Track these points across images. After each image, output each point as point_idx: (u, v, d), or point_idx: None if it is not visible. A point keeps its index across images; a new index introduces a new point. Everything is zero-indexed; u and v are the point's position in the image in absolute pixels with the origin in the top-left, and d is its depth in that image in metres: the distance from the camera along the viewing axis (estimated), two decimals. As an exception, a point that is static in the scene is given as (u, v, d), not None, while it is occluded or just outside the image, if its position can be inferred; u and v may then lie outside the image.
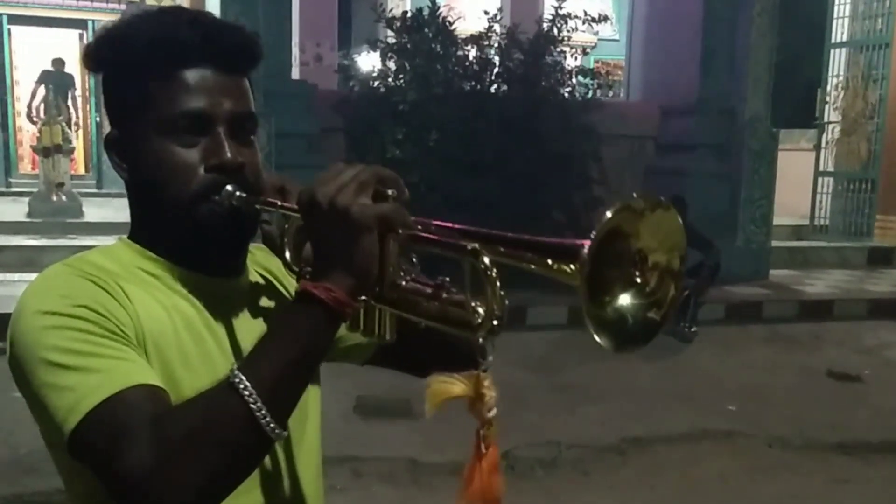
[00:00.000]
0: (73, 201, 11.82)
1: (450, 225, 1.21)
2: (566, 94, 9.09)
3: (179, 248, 1.33)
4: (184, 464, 1.07)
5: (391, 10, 9.79)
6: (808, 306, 9.12)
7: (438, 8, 8.82)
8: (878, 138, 12.06)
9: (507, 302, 1.12)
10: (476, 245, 1.12)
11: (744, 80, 9.85)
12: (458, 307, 1.18)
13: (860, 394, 6.69)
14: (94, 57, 1.34)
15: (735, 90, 9.89)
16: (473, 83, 8.83)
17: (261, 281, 1.46)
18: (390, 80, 8.69)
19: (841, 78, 12.60)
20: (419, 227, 1.21)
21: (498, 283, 1.11)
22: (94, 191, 16.45)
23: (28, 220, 11.28)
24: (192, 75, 1.27)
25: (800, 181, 12.41)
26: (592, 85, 9.48)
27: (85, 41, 17.36)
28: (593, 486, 4.87)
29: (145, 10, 1.34)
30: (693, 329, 7.80)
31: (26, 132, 15.70)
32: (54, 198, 11.61)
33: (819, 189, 12.64)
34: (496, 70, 8.94)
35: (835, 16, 12.65)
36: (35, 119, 12.07)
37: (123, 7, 17.51)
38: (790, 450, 5.46)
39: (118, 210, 13.45)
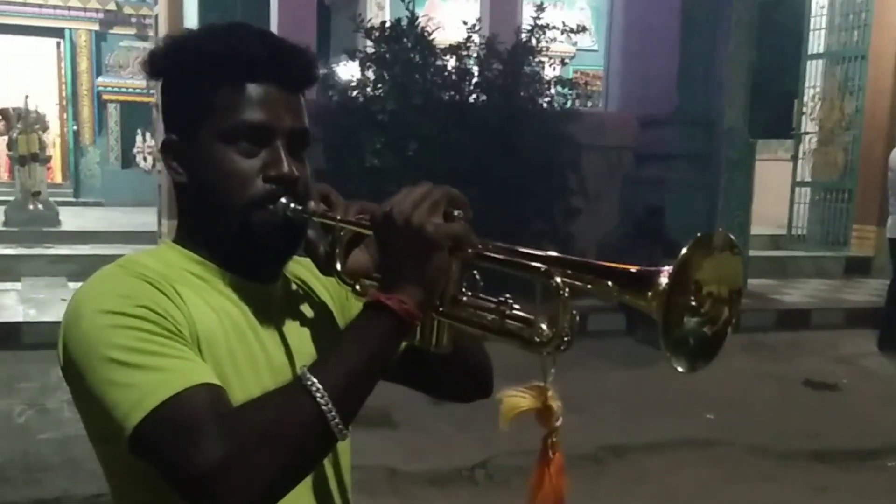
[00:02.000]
0: (49, 210, 11.78)
1: (512, 247, 1.27)
2: (545, 105, 9.11)
3: (228, 252, 1.39)
4: (253, 459, 1.12)
5: (370, 20, 9.77)
6: (786, 315, 9.16)
7: (417, 18, 8.82)
8: (854, 149, 12.14)
9: (577, 319, 1.18)
10: (546, 266, 1.20)
11: (721, 91, 9.89)
12: (519, 323, 1.26)
13: (837, 402, 6.73)
14: (160, 63, 1.40)
15: (713, 101, 9.93)
16: (452, 93, 8.83)
17: (294, 287, 1.52)
18: (369, 89, 8.68)
19: (818, 89, 12.68)
20: (480, 246, 1.27)
21: (569, 303, 1.18)
22: (71, 199, 16.45)
23: (4, 228, 11.25)
24: (257, 89, 1.35)
25: (777, 191, 12.49)
26: (571, 95, 9.51)
27: (62, 50, 17.33)
28: (572, 494, 4.84)
29: (214, 25, 1.42)
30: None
31: (2, 140, 15.66)
32: (31, 206, 11.57)
33: (796, 199, 12.72)
34: (475, 80, 8.95)
35: (811, 28, 12.74)
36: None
37: (101, 16, 17.50)
38: (768, 458, 5.47)
39: (95, 219, 13.44)
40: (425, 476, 4.76)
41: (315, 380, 1.15)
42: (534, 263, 1.22)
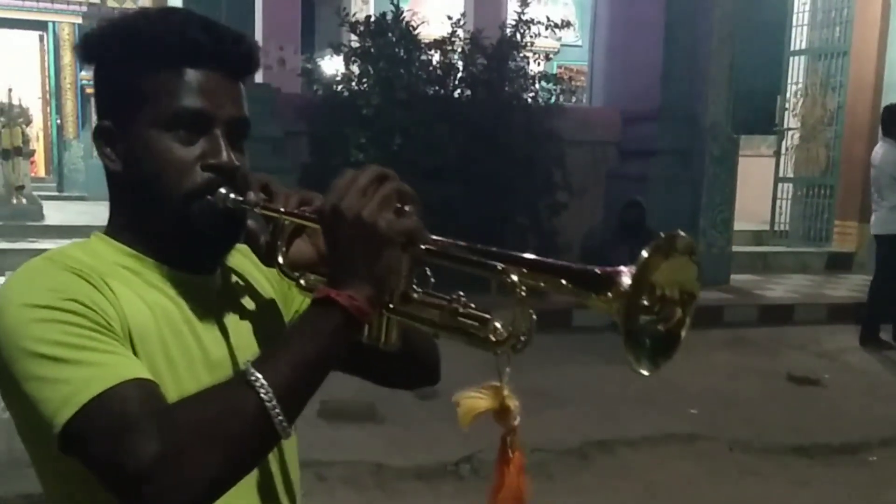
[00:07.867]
0: (33, 204, 11.73)
1: (468, 245, 1.23)
2: (529, 100, 9.12)
3: (165, 244, 1.33)
4: (190, 457, 1.07)
5: (354, 14, 9.76)
6: (769, 311, 9.21)
7: (402, 12, 8.82)
8: (836, 145, 12.20)
9: (535, 318, 1.15)
10: (503, 265, 1.17)
11: (705, 87, 9.93)
12: (473, 321, 1.22)
13: (819, 397, 6.76)
14: (94, 47, 1.34)
15: (696, 96, 9.96)
16: (437, 88, 8.84)
17: (233, 278, 1.46)
18: (354, 84, 8.68)
19: (800, 85, 12.74)
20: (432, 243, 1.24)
21: (526, 303, 1.14)
22: (55, 194, 16.34)
23: (-13, 223, 11.16)
24: (196, 76, 1.29)
25: (760, 187, 12.53)
26: (556, 90, 9.53)
27: (45, 43, 17.23)
28: (557, 489, 4.88)
29: (150, 9, 1.37)
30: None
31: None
32: (14, 201, 11.52)
33: (779, 195, 12.78)
34: (460, 75, 8.96)
35: (794, 24, 12.79)
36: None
37: (84, 9, 17.40)
38: (751, 453, 5.50)
39: (79, 213, 13.35)
40: (411, 471, 4.76)
41: (259, 375, 1.11)
42: (489, 261, 1.19)
